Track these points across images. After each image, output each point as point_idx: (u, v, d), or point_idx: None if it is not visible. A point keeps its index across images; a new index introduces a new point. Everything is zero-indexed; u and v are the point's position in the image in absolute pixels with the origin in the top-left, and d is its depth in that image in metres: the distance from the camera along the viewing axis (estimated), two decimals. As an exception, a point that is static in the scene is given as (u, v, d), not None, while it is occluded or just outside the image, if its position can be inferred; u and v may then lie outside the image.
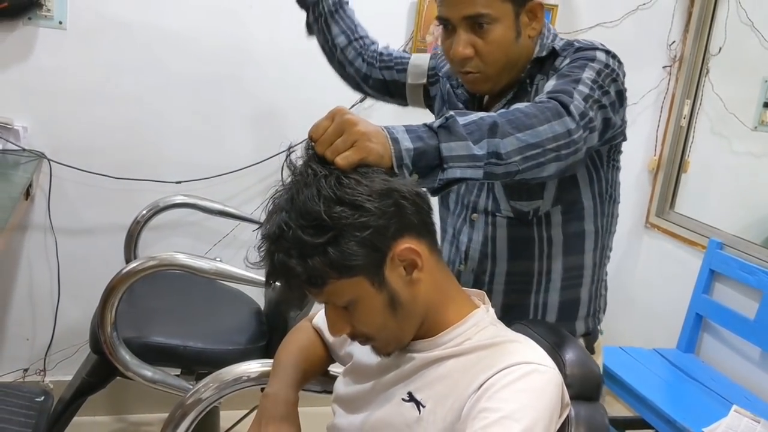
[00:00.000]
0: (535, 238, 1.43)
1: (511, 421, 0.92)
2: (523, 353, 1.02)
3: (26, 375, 2.56)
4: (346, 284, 0.99)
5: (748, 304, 2.49)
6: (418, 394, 1.05)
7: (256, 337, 2.03)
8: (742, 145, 3.01)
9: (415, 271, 1.03)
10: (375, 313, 1.02)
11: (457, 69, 1.38)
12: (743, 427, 2.15)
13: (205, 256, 1.98)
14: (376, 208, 0.96)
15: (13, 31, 2.32)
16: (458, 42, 1.32)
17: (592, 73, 1.26)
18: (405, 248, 1.00)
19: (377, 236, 0.97)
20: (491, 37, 1.31)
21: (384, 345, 1.09)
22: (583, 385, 1.04)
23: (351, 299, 1.01)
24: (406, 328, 1.07)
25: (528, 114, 1.12)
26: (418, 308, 1.06)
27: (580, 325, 1.50)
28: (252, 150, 2.55)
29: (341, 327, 1.06)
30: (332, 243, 0.95)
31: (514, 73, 1.39)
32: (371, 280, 0.99)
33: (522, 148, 1.08)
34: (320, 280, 0.98)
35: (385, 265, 1.00)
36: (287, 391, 1.22)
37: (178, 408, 1.34)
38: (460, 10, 1.30)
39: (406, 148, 0.99)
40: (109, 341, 1.78)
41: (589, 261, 1.46)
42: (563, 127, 1.13)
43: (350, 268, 0.97)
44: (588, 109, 1.20)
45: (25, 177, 2.15)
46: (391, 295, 1.01)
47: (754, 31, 2.84)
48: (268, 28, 2.52)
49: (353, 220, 0.95)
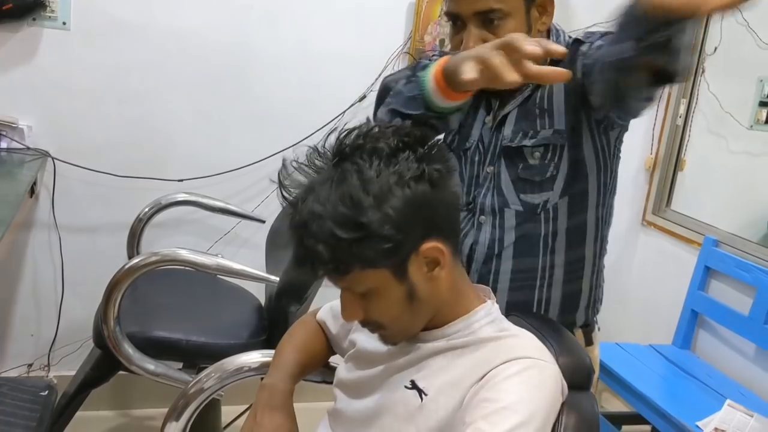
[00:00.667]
0: (541, 233, 1.43)
1: (509, 411, 0.95)
2: (525, 348, 1.04)
3: (30, 370, 2.59)
4: (370, 274, 1.01)
5: (742, 300, 2.52)
6: (421, 383, 1.08)
7: (257, 331, 2.07)
8: (737, 143, 3.04)
9: (437, 269, 1.05)
10: (392, 304, 1.05)
11: None
12: (736, 421, 2.17)
13: (207, 252, 2.01)
14: (405, 219, 0.98)
15: (18, 31, 2.35)
16: (469, 38, 1.31)
17: None
18: (431, 247, 1.02)
19: (402, 240, 0.99)
20: (503, 32, 1.28)
21: (393, 335, 1.11)
22: (574, 375, 1.07)
23: (371, 288, 1.03)
24: (417, 321, 1.09)
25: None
26: (434, 303, 1.08)
27: (580, 316, 1.52)
28: (253, 149, 2.57)
29: (355, 313, 1.08)
30: (361, 241, 0.97)
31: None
32: (394, 272, 1.02)
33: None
34: (345, 268, 1.01)
35: (410, 260, 1.02)
36: (284, 382, 1.26)
37: (181, 397, 1.37)
38: (471, 5, 1.29)
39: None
40: (113, 335, 1.82)
41: (589, 252, 1.48)
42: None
43: (374, 261, 0.99)
44: None
45: (29, 175, 2.17)
46: (411, 289, 1.04)
47: (749, 32, 2.86)
48: (269, 29, 2.55)
49: (382, 230, 0.97)
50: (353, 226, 0.97)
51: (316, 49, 2.61)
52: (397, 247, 0.99)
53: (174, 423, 1.38)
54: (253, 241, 2.64)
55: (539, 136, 1.39)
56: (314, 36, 2.60)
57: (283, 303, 1.99)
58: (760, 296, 2.42)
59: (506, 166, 1.42)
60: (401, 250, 1.00)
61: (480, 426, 0.95)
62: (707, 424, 2.15)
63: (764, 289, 2.41)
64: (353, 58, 2.63)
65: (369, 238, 0.97)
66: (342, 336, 1.33)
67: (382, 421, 1.11)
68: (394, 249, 0.99)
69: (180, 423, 1.38)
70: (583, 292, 1.50)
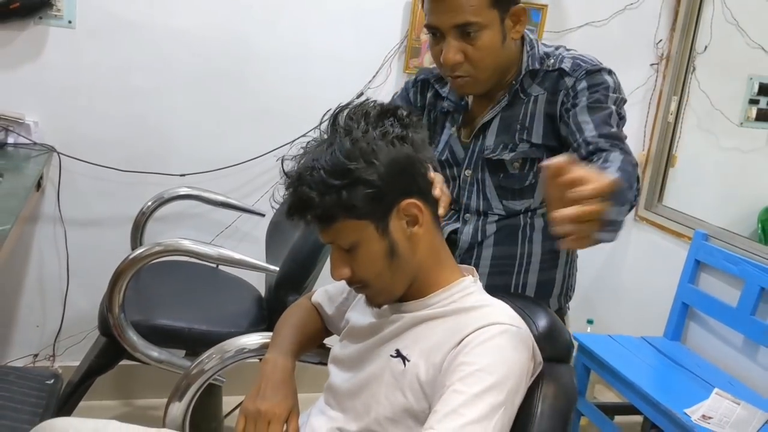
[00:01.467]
0: (520, 225, 1.54)
1: (485, 373, 1.03)
2: (499, 315, 1.12)
3: (36, 360, 2.64)
4: (354, 225, 1.11)
5: (731, 292, 2.56)
6: (404, 350, 1.16)
7: (257, 320, 2.12)
8: (728, 140, 3.09)
9: (416, 227, 1.14)
10: (375, 258, 1.14)
11: (448, 74, 1.45)
12: (723, 409, 2.22)
13: (209, 243, 2.06)
14: (388, 172, 1.09)
15: (25, 30, 2.40)
16: (449, 49, 1.39)
17: (613, 105, 1.40)
18: (410, 203, 1.13)
19: (385, 191, 1.10)
20: (480, 43, 1.38)
21: (376, 293, 1.20)
22: (554, 348, 1.14)
23: (355, 241, 1.13)
24: (398, 280, 1.17)
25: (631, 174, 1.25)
26: (413, 264, 1.17)
27: (553, 302, 1.61)
28: (254, 144, 2.62)
29: (342, 269, 1.17)
30: (346, 187, 1.08)
31: (502, 75, 1.48)
32: (376, 225, 1.12)
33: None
34: (331, 214, 1.11)
35: (391, 214, 1.12)
36: (285, 358, 1.32)
37: (183, 378, 1.43)
38: (449, 18, 1.36)
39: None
40: (118, 323, 1.87)
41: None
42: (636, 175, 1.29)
43: (358, 209, 1.09)
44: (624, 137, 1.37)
45: (36, 170, 2.21)
46: (391, 245, 1.13)
47: (739, 30, 2.92)
48: (269, 27, 2.60)
49: (366, 176, 1.08)
50: (342, 173, 1.08)
51: (314, 47, 2.67)
52: (381, 196, 1.09)
53: (177, 403, 1.43)
54: (253, 235, 2.69)
55: (518, 149, 1.48)
56: (312, 34, 2.65)
57: (282, 293, 2.04)
58: (748, 288, 2.47)
59: (489, 174, 1.52)
60: (384, 201, 1.10)
61: (457, 387, 1.02)
62: (695, 411, 2.20)
63: (751, 282, 2.46)
64: (350, 56, 2.68)
65: (355, 185, 1.08)
66: (338, 317, 1.39)
67: (371, 389, 1.18)
68: (377, 198, 1.09)
69: (182, 403, 1.43)
70: (557, 280, 1.60)
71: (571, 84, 1.43)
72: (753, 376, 2.47)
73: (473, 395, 1.01)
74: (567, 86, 1.43)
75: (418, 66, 2.71)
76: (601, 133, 1.34)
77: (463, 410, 1.00)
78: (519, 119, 1.48)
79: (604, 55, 2.86)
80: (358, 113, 1.14)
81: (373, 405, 1.17)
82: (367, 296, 1.22)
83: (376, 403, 1.17)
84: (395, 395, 1.14)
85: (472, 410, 1.00)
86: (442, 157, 1.56)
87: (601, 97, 1.40)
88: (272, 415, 1.24)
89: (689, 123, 3.04)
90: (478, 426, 0.99)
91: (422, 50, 2.70)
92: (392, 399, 1.15)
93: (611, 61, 3.11)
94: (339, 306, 1.40)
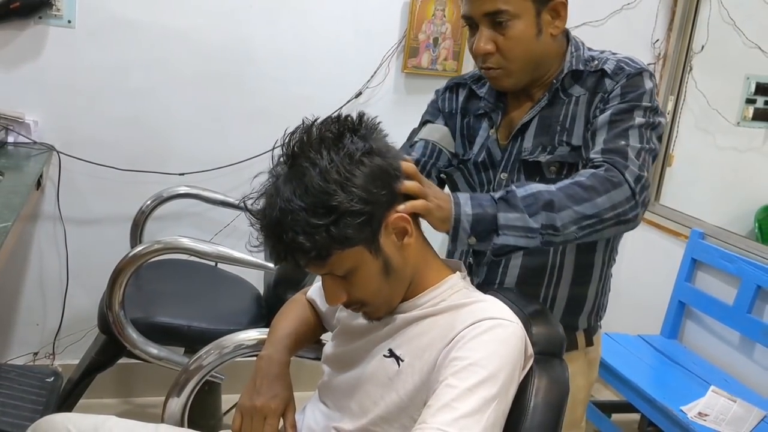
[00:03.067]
0: None
1: (478, 367, 1.04)
2: (490, 310, 1.13)
3: (36, 359, 2.65)
4: (348, 254, 1.09)
5: (727, 290, 2.58)
6: (398, 350, 1.17)
7: (256, 318, 2.13)
8: (725, 140, 3.10)
9: (406, 237, 1.14)
10: (372, 279, 1.13)
11: (479, 65, 1.43)
12: (720, 406, 2.24)
13: (207, 241, 2.08)
14: (368, 192, 1.07)
15: (25, 29, 2.41)
16: (480, 38, 1.37)
17: (641, 116, 1.32)
18: (397, 217, 1.12)
19: (371, 213, 1.08)
20: (511, 33, 1.34)
21: (376, 309, 1.19)
22: (547, 343, 1.15)
23: (351, 268, 1.11)
24: (396, 292, 1.18)
25: (586, 187, 1.22)
26: (408, 272, 1.17)
27: (583, 320, 1.53)
28: (253, 143, 2.60)
29: (338, 296, 1.16)
30: (334, 223, 1.05)
31: (538, 72, 1.42)
32: (369, 248, 1.10)
33: (578, 219, 1.20)
34: (326, 252, 1.08)
35: (380, 233, 1.11)
36: (281, 353, 1.33)
37: (182, 374, 1.45)
38: (480, 6, 1.35)
39: (466, 213, 1.15)
40: (117, 320, 1.88)
41: (598, 259, 1.49)
42: (621, 195, 1.23)
43: (351, 239, 1.07)
44: (642, 166, 1.27)
45: (36, 168, 2.23)
46: (386, 261, 1.13)
47: (736, 30, 2.93)
48: (268, 27, 2.61)
49: (352, 206, 1.05)
50: (326, 211, 1.05)
51: (314, 47, 2.68)
52: (369, 220, 1.08)
53: (175, 398, 1.45)
54: (253, 233, 2.70)
55: (556, 153, 1.41)
56: (311, 34, 2.66)
57: (281, 291, 2.05)
58: (744, 287, 2.48)
59: (525, 178, 1.44)
60: (372, 223, 1.09)
61: (450, 382, 1.03)
62: (691, 408, 2.22)
63: (747, 280, 2.47)
64: (349, 56, 2.70)
65: (342, 218, 1.05)
66: (330, 314, 1.40)
67: (365, 389, 1.19)
68: (366, 222, 1.07)
69: (181, 399, 1.45)
70: (589, 297, 1.51)
71: (611, 88, 1.37)
72: (749, 374, 2.49)
73: (466, 389, 1.02)
74: (606, 89, 1.37)
75: (417, 66, 2.73)
76: (604, 149, 1.29)
77: (456, 404, 1.01)
78: (559, 120, 1.42)
79: (601, 55, 2.92)
80: (315, 142, 1.09)
81: (369, 405, 1.18)
82: (366, 313, 1.21)
83: (371, 404, 1.18)
84: (390, 395, 1.15)
85: (465, 404, 1.01)
86: (479, 159, 1.49)
87: (629, 107, 1.33)
88: (268, 410, 1.25)
89: (686, 122, 3.06)
90: (471, 419, 1.00)
91: (420, 50, 2.71)
92: (387, 399, 1.15)
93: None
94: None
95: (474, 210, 1.16)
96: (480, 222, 1.16)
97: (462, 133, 1.55)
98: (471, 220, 1.15)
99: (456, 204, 1.15)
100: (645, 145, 1.30)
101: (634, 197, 1.24)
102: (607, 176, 1.24)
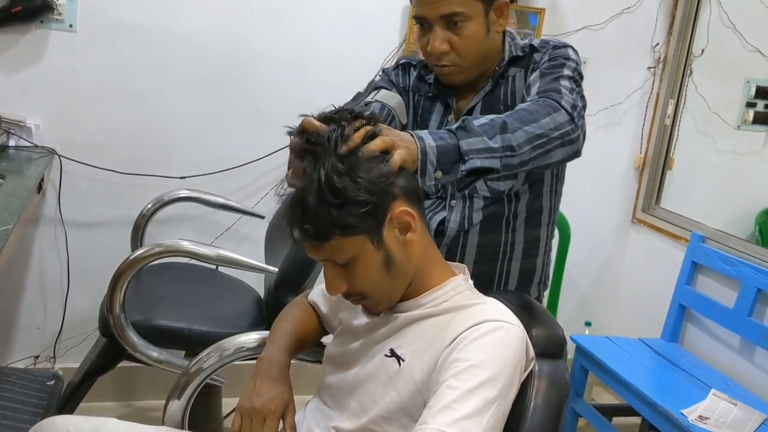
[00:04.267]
0: (504, 213, 1.58)
1: (478, 369, 1.04)
2: (491, 312, 1.13)
3: (37, 362, 2.65)
4: (349, 242, 1.11)
5: (728, 294, 2.58)
6: (399, 350, 1.17)
7: (256, 322, 2.13)
8: (725, 143, 3.10)
9: (409, 233, 1.16)
10: (372, 271, 1.14)
11: (434, 63, 1.52)
12: (720, 410, 2.23)
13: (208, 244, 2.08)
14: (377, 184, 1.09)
15: (26, 33, 2.42)
16: (435, 38, 1.46)
17: (569, 71, 1.44)
18: (401, 211, 1.13)
19: (376, 205, 1.10)
20: (465, 33, 1.45)
21: (376, 303, 1.20)
22: (548, 344, 1.16)
23: (351, 256, 1.13)
24: (397, 287, 1.19)
25: (530, 111, 1.29)
26: (410, 269, 1.18)
27: (534, 290, 1.68)
28: (254, 147, 2.64)
29: (339, 285, 1.17)
30: (339, 207, 1.08)
31: (485, 66, 1.54)
32: (371, 238, 1.12)
33: (530, 139, 1.25)
34: (325, 234, 1.10)
35: (384, 226, 1.12)
36: (281, 354, 1.33)
37: (182, 376, 1.45)
38: (436, 9, 1.43)
39: (430, 145, 1.15)
40: (118, 323, 1.87)
41: (543, 234, 1.64)
42: (562, 118, 1.30)
43: (352, 227, 1.09)
44: (576, 100, 1.37)
45: (37, 172, 2.23)
46: (388, 254, 1.14)
47: (736, 34, 2.93)
48: (269, 31, 2.62)
49: (357, 195, 1.08)
50: (331, 194, 1.07)
51: (314, 50, 2.69)
52: (372, 210, 1.09)
53: (176, 401, 1.45)
54: (253, 237, 2.71)
55: None
56: (312, 38, 2.67)
57: (282, 294, 2.05)
58: (744, 290, 2.48)
59: None
60: (375, 214, 1.10)
61: (451, 383, 1.04)
62: (692, 412, 2.21)
63: (748, 283, 2.47)
64: (350, 59, 2.70)
65: (346, 204, 1.07)
66: (332, 315, 1.41)
67: (366, 388, 1.19)
68: (369, 212, 1.09)
69: (181, 401, 1.45)
70: (537, 268, 1.66)
71: (539, 58, 1.50)
72: (750, 377, 2.48)
73: (467, 390, 1.03)
74: (535, 60, 1.51)
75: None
76: (539, 92, 1.39)
77: (457, 405, 1.02)
78: (501, 100, 1.55)
79: (602, 59, 2.95)
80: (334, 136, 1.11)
81: (369, 404, 1.18)
82: (365, 306, 1.22)
83: (371, 403, 1.18)
84: (390, 395, 1.15)
85: (465, 405, 1.01)
86: None
87: (558, 63, 1.45)
88: (268, 411, 1.25)
89: (686, 126, 3.06)
90: (471, 421, 1.00)
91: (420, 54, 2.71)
92: (387, 398, 1.16)
93: (608, 64, 3.15)
94: (333, 305, 1.42)
95: (437, 142, 1.17)
96: (445, 153, 1.17)
97: (414, 111, 1.65)
98: (436, 152, 1.16)
99: (419, 139, 1.16)
100: (576, 88, 1.40)
101: (573, 120, 1.32)
102: (546, 103, 1.33)
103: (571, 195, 3.05)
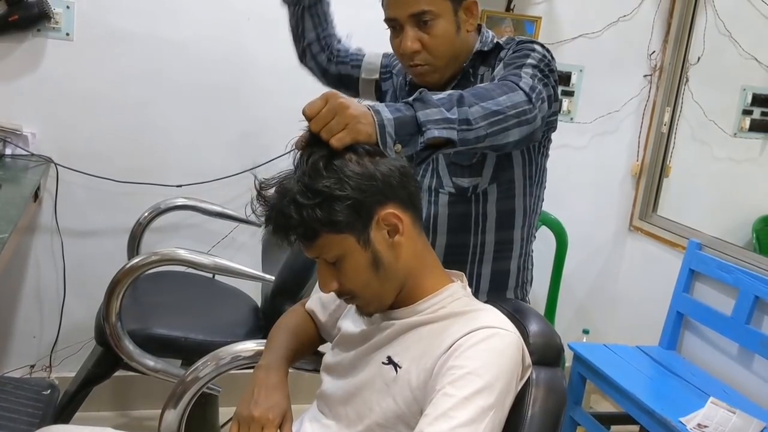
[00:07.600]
0: (472, 214, 1.58)
1: (474, 376, 1.04)
2: (488, 319, 1.13)
3: (33, 371, 2.64)
4: (336, 240, 1.12)
5: (725, 301, 2.57)
6: (396, 357, 1.17)
7: (253, 330, 2.12)
8: (722, 151, 3.11)
9: (397, 236, 1.16)
10: (360, 270, 1.15)
11: (407, 63, 1.53)
12: (719, 418, 2.22)
13: (205, 253, 2.07)
14: (359, 185, 1.10)
15: (23, 42, 2.42)
16: (406, 38, 1.48)
17: (533, 61, 1.43)
18: (388, 213, 1.14)
19: (359, 204, 1.10)
20: (435, 31, 1.47)
21: (366, 303, 1.21)
22: (545, 352, 1.15)
23: (339, 255, 1.14)
24: (386, 289, 1.19)
25: (488, 89, 1.30)
26: (399, 272, 1.18)
27: (510, 295, 1.66)
28: (250, 155, 2.62)
29: (330, 282, 1.18)
30: (321, 205, 1.09)
31: (457, 64, 1.55)
32: (357, 238, 1.13)
33: (487, 115, 1.24)
34: (313, 233, 1.11)
35: (371, 226, 1.13)
36: (279, 363, 1.33)
37: (178, 385, 1.44)
38: (406, 8, 1.46)
39: (387, 117, 1.14)
40: (114, 332, 1.87)
41: (518, 236, 1.62)
42: (519, 98, 1.31)
43: (337, 224, 1.10)
44: (535, 84, 1.37)
45: (33, 180, 2.22)
46: (375, 255, 1.14)
47: (732, 41, 2.95)
48: (265, 39, 2.62)
49: (341, 192, 1.09)
50: (314, 193, 1.09)
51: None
52: (356, 209, 1.10)
53: (172, 410, 1.44)
54: (249, 245, 2.70)
55: None
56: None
57: (278, 302, 2.04)
58: (742, 297, 2.48)
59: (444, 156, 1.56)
60: (361, 213, 1.11)
61: (447, 391, 1.03)
62: (690, 420, 2.21)
63: (745, 291, 2.47)
64: (346, 68, 2.70)
65: (329, 201, 1.09)
66: (331, 324, 1.40)
67: (362, 396, 1.19)
68: (353, 211, 1.10)
69: (177, 410, 1.44)
70: (512, 272, 1.64)
71: (504, 54, 1.51)
72: (748, 385, 2.48)
73: (463, 398, 1.02)
74: (501, 57, 1.51)
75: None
76: (500, 78, 1.39)
77: (453, 413, 1.01)
78: None
79: (598, 67, 2.95)
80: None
81: (365, 412, 1.18)
82: (357, 306, 1.23)
83: (368, 410, 1.18)
84: (387, 402, 1.15)
85: (462, 413, 1.01)
86: None
87: (521, 54, 1.45)
88: (265, 420, 1.24)
89: (683, 133, 3.07)
90: (468, 429, 1.00)
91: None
92: (384, 406, 1.16)
93: (605, 72, 3.15)
94: (332, 313, 1.41)
95: (394, 114, 1.15)
96: (403, 126, 1.15)
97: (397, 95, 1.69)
98: (394, 124, 1.14)
99: (376, 112, 1.14)
100: (537, 74, 1.39)
101: (531, 101, 1.32)
102: (503, 83, 1.33)
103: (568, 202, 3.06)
